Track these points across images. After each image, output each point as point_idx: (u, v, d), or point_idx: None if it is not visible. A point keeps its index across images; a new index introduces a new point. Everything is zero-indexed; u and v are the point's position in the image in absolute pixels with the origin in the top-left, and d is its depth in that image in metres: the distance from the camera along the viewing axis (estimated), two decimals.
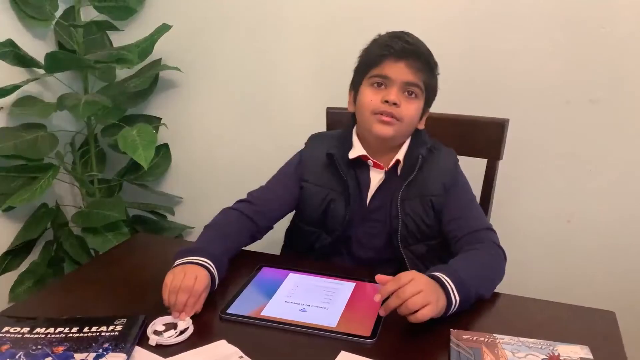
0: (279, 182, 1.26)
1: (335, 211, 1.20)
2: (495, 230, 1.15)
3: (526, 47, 1.54)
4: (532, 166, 1.62)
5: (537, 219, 1.65)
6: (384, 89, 1.13)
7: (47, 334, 0.88)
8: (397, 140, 1.17)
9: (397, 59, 1.11)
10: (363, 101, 1.15)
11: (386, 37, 1.15)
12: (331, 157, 1.19)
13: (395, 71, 1.11)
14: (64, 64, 1.65)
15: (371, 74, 1.14)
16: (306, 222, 1.25)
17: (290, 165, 1.27)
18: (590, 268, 1.63)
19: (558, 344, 0.88)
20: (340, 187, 1.19)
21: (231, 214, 1.20)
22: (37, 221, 1.80)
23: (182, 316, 0.94)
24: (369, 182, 1.19)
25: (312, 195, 1.22)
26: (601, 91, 1.50)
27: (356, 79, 1.19)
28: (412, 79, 1.12)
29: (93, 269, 1.19)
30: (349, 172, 1.19)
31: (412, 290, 0.89)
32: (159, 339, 0.88)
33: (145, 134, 1.63)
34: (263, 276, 1.10)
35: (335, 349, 0.87)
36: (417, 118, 1.17)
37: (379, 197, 1.19)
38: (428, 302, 0.90)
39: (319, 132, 1.31)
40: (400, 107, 1.11)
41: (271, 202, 1.23)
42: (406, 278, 0.91)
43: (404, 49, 1.10)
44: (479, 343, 0.88)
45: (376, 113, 1.12)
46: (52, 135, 1.72)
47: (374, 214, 1.20)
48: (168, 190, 2.04)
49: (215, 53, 1.85)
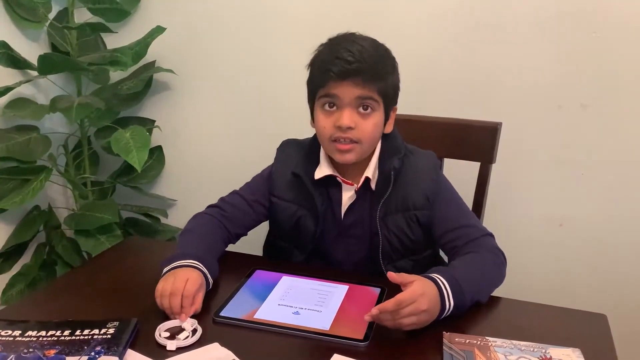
0: (250, 191, 1.22)
1: (305, 227, 1.16)
2: (492, 233, 1.13)
3: (518, 51, 1.55)
4: (525, 170, 1.63)
5: (530, 223, 1.66)
6: (336, 110, 1.06)
7: (39, 337, 0.88)
8: (363, 157, 1.11)
9: (341, 80, 1.03)
10: (318, 126, 1.09)
11: (326, 54, 1.06)
12: (297, 176, 1.15)
13: (342, 91, 1.03)
14: (57, 65, 1.65)
15: (320, 94, 1.07)
16: (279, 237, 1.23)
17: (261, 177, 1.23)
18: (583, 271, 1.64)
19: (550, 347, 0.88)
20: (308, 204, 1.15)
21: (204, 218, 1.19)
22: (29, 224, 1.79)
23: (182, 317, 0.93)
24: (341, 198, 1.15)
25: (281, 210, 1.18)
26: (592, 96, 1.52)
27: (309, 95, 1.12)
28: (363, 93, 1.03)
29: (85, 272, 1.19)
30: (318, 189, 1.14)
31: (407, 314, 0.89)
32: (177, 342, 0.88)
33: (139, 136, 1.63)
34: (256, 279, 1.10)
35: (328, 351, 0.87)
36: (379, 131, 1.10)
37: (355, 212, 1.15)
38: (416, 324, 0.90)
39: (289, 140, 1.24)
40: (355, 129, 1.05)
41: (241, 210, 1.20)
42: (408, 300, 0.88)
43: (345, 70, 1.01)
44: (472, 346, 0.88)
45: (333, 140, 1.07)
46: (45, 138, 1.72)
47: (351, 230, 1.16)
48: (161, 193, 2.03)
49: (209, 56, 1.85)
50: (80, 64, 1.68)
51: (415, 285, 0.91)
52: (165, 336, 0.90)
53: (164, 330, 0.92)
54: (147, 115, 1.96)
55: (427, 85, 1.62)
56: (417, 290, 0.91)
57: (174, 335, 0.91)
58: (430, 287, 0.93)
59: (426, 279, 0.95)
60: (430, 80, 1.62)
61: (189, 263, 1.01)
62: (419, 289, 0.91)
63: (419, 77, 1.54)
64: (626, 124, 1.51)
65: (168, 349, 0.87)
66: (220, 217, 1.19)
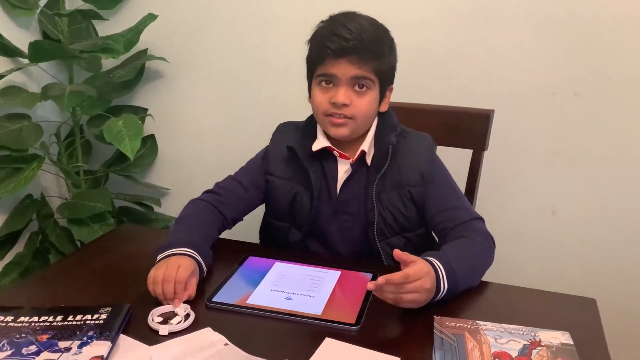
0: (245, 174, 1.23)
1: (302, 205, 1.17)
2: (483, 217, 1.15)
3: (512, 39, 1.55)
4: (517, 158, 1.63)
5: (522, 211, 1.67)
6: (332, 87, 1.08)
7: (31, 323, 0.88)
8: (357, 133, 1.13)
9: (338, 57, 1.04)
10: (314, 101, 1.12)
11: (324, 31, 1.08)
12: (292, 150, 1.16)
13: (339, 68, 1.05)
14: (48, 53, 1.64)
15: (317, 72, 1.09)
16: (275, 217, 1.23)
17: (257, 158, 1.25)
18: (574, 258, 1.66)
19: (539, 330, 0.89)
20: (304, 180, 1.16)
21: (199, 205, 1.19)
22: (22, 212, 1.78)
23: (175, 303, 0.94)
24: (337, 173, 1.16)
25: (277, 188, 1.19)
26: (585, 84, 1.52)
27: (307, 72, 1.14)
28: (358, 73, 1.05)
29: (78, 259, 1.19)
30: (313, 164, 1.15)
31: (411, 289, 0.90)
32: (170, 327, 0.89)
33: (131, 124, 1.62)
34: (249, 265, 1.11)
35: (320, 335, 0.87)
36: (374, 109, 1.12)
37: (350, 188, 1.16)
38: (416, 302, 0.92)
39: (286, 122, 1.26)
40: (350, 105, 1.07)
41: (237, 195, 1.21)
42: (415, 276, 0.90)
43: (342, 47, 1.03)
44: (462, 329, 0.89)
45: (328, 115, 1.09)
46: (37, 126, 1.71)
47: (346, 207, 1.17)
48: (155, 182, 2.03)
49: (202, 43, 1.84)
50: (72, 52, 1.66)
51: (422, 264, 0.93)
52: (158, 321, 0.90)
53: (156, 315, 0.92)
54: (140, 103, 1.95)
55: (420, 73, 1.62)
56: (424, 267, 0.92)
57: (167, 320, 0.91)
58: (431, 271, 0.94)
59: (427, 262, 0.95)
60: (423, 68, 1.62)
61: (182, 251, 1.02)
62: (425, 267, 0.93)
63: (412, 65, 1.53)
64: (618, 112, 1.52)
65: (160, 334, 0.88)
66: (216, 202, 1.19)
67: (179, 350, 0.83)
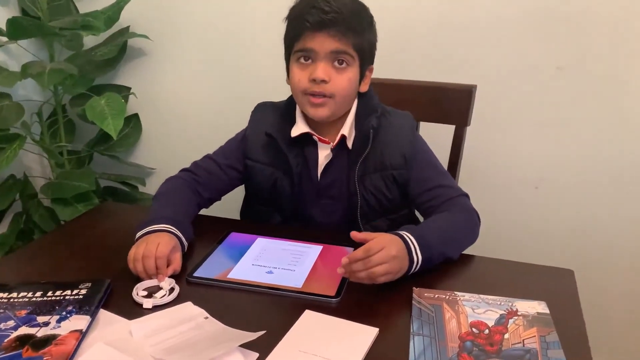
0: (223, 156, 1.22)
1: (282, 189, 1.16)
2: (468, 194, 1.15)
3: (494, 14, 1.54)
4: (500, 132, 1.63)
5: (505, 186, 1.68)
6: (311, 64, 1.06)
7: (10, 299, 0.88)
8: (337, 114, 1.12)
9: (317, 31, 1.02)
10: (293, 80, 1.09)
11: (303, 4, 1.06)
12: (271, 137, 1.14)
13: (317, 43, 1.03)
14: (27, 30, 1.61)
15: (295, 48, 1.06)
16: (257, 201, 1.23)
17: (235, 140, 1.23)
18: (556, 232, 1.67)
19: (517, 300, 0.90)
20: (284, 166, 1.14)
21: (176, 182, 1.18)
22: (5, 192, 1.77)
23: (160, 278, 0.94)
24: (317, 158, 1.15)
25: (257, 173, 1.18)
26: (567, 58, 1.52)
27: (285, 50, 1.11)
28: (338, 47, 1.03)
29: (59, 236, 1.19)
30: (293, 150, 1.14)
31: (378, 261, 0.90)
32: (154, 300, 0.89)
33: (114, 103, 1.61)
34: (231, 241, 1.11)
35: (300, 308, 0.88)
36: (354, 87, 1.10)
37: (331, 173, 1.15)
38: (389, 273, 0.92)
39: (264, 102, 1.24)
40: (330, 82, 1.05)
41: (214, 175, 1.20)
42: (376, 247, 0.91)
43: (321, 20, 1.01)
44: (440, 300, 0.90)
45: (307, 94, 1.07)
46: (18, 105, 1.68)
47: (329, 191, 1.16)
48: (139, 161, 2.01)
49: (184, 20, 1.82)
50: (52, 29, 1.64)
51: (381, 236, 0.94)
52: (143, 295, 0.91)
53: (141, 289, 0.92)
54: (123, 82, 1.92)
55: (401, 49, 1.61)
56: (385, 237, 0.94)
57: (151, 294, 0.91)
58: (396, 239, 0.95)
59: (391, 234, 0.97)
60: (404, 44, 1.61)
61: (162, 227, 1.01)
62: (386, 237, 0.94)
63: (393, 40, 1.52)
64: (600, 86, 1.52)
65: (144, 307, 0.88)
66: (193, 181, 1.18)
67: (159, 324, 0.83)
